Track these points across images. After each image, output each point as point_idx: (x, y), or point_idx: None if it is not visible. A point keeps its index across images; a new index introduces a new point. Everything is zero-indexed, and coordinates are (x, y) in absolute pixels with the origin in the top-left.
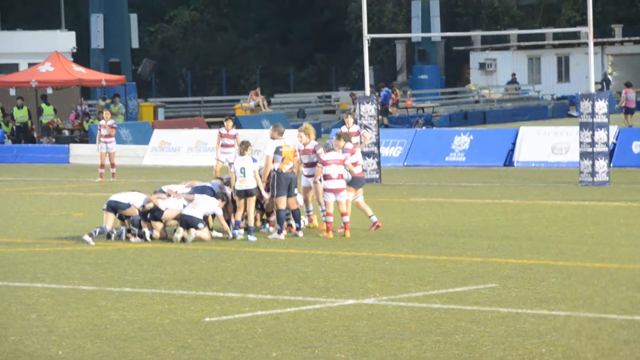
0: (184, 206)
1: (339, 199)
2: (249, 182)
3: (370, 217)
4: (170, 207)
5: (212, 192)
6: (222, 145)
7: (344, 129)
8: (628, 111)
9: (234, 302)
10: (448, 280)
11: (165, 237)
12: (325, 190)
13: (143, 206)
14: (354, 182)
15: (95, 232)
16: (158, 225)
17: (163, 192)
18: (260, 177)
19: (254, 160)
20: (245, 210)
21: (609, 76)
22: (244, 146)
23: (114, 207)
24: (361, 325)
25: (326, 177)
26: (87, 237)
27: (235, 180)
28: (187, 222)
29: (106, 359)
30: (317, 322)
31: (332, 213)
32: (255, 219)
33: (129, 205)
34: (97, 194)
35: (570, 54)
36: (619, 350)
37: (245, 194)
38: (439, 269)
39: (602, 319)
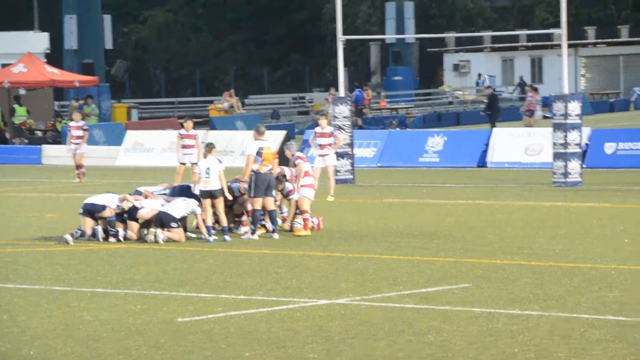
0: (162, 206)
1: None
2: (213, 183)
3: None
4: (147, 206)
5: (191, 193)
6: (183, 147)
7: (317, 129)
8: (531, 114)
9: (207, 303)
10: (421, 280)
11: (140, 238)
12: (303, 186)
13: (119, 206)
14: None
15: (76, 233)
16: (134, 225)
17: (140, 193)
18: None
19: (219, 162)
20: (214, 212)
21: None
22: (209, 148)
23: (90, 210)
24: (334, 325)
25: (305, 173)
26: (68, 237)
27: (199, 181)
28: (162, 220)
29: (78, 359)
30: (290, 322)
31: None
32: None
33: (104, 207)
34: (70, 194)
35: (543, 56)
36: (591, 349)
37: (210, 194)
38: (412, 269)
39: (574, 318)
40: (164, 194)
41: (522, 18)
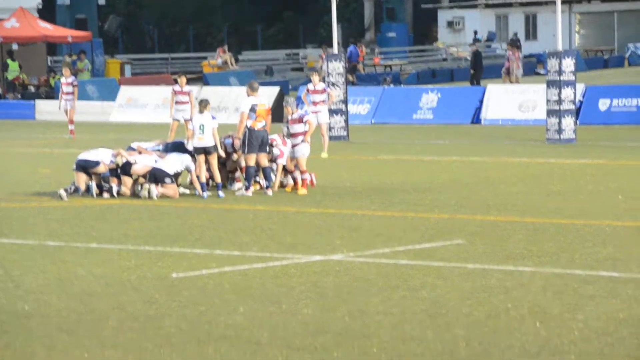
0: (155, 162)
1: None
2: (207, 139)
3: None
4: (141, 161)
5: (184, 149)
6: (177, 102)
7: (310, 86)
8: (509, 71)
9: (201, 259)
10: (415, 236)
11: (134, 193)
12: (294, 146)
13: (112, 161)
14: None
15: (70, 188)
16: (127, 180)
17: (133, 149)
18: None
19: (213, 118)
20: (207, 168)
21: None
22: (203, 104)
23: (84, 166)
24: (328, 281)
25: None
26: (62, 192)
27: (193, 137)
28: (155, 175)
29: (72, 314)
30: (284, 278)
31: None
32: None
33: (98, 163)
34: (63, 150)
35: (538, 12)
36: (585, 305)
37: (204, 151)
38: (406, 225)
39: (568, 274)
40: (158, 150)
41: None
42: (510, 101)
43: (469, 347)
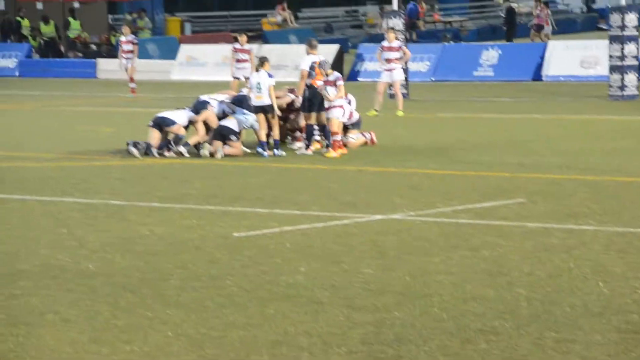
0: (223, 112)
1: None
2: (264, 98)
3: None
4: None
5: (248, 105)
6: (237, 61)
7: (385, 44)
8: (538, 29)
9: (262, 218)
10: (475, 195)
11: (197, 149)
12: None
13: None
14: (357, 125)
15: (140, 145)
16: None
17: (206, 102)
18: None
19: (270, 76)
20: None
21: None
22: (262, 61)
23: (160, 124)
24: (389, 240)
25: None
26: (133, 149)
27: (252, 95)
28: (221, 133)
29: (136, 272)
30: (344, 237)
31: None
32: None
33: (174, 122)
34: (125, 109)
35: None
36: None
37: (262, 110)
38: (466, 184)
39: (630, 233)
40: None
41: None
42: (571, 57)
43: (531, 307)
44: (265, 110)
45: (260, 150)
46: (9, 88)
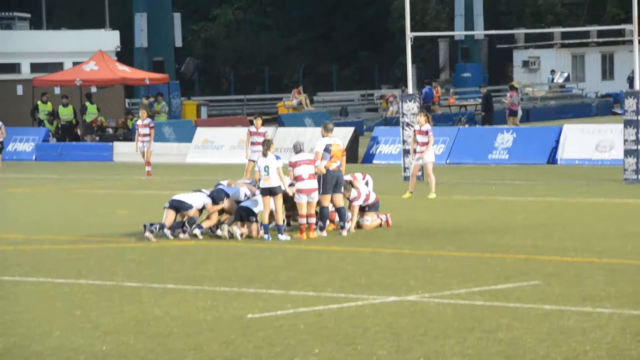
0: (245, 195)
1: (311, 200)
2: (272, 180)
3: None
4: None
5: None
6: (252, 143)
7: (416, 127)
8: (512, 113)
9: (276, 299)
10: (491, 277)
11: (212, 232)
12: (297, 191)
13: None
14: (374, 207)
15: (155, 227)
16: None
17: (222, 184)
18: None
19: (278, 158)
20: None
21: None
22: (267, 145)
23: (177, 207)
24: (403, 322)
25: (297, 178)
26: (149, 234)
27: (260, 179)
28: (241, 214)
29: (150, 354)
30: (359, 318)
31: (305, 215)
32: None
33: (190, 206)
34: (141, 191)
35: (615, 52)
36: None
37: (270, 192)
38: (481, 266)
39: None
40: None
41: (592, 13)
42: (587, 141)
43: None
44: (272, 192)
45: (262, 233)
46: (27, 172)
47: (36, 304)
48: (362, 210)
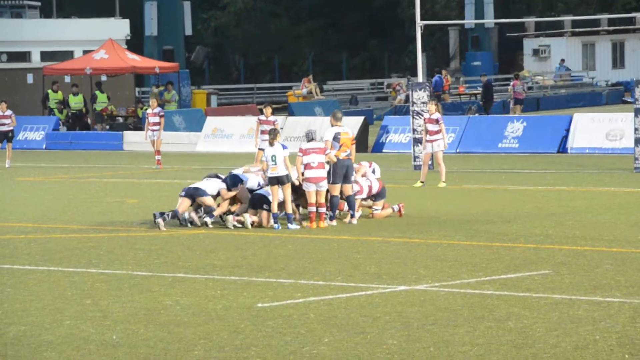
0: (259, 184)
1: (319, 188)
2: (280, 169)
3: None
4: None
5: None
6: (262, 132)
7: (426, 116)
8: (517, 102)
9: (286, 288)
10: (501, 266)
11: (223, 220)
12: (305, 179)
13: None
14: (381, 195)
15: (168, 215)
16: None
17: (238, 177)
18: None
19: (284, 148)
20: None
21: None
22: (273, 135)
23: (192, 194)
24: (413, 311)
25: (306, 166)
26: (160, 221)
27: (267, 168)
28: (255, 201)
29: (160, 343)
30: (369, 308)
31: (314, 203)
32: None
33: (206, 193)
34: (151, 180)
35: (625, 40)
36: None
37: (277, 181)
38: (491, 255)
39: None
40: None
41: (603, 2)
42: (597, 130)
43: None
44: (280, 181)
45: (272, 222)
46: (37, 161)
47: (46, 293)
48: (370, 199)
